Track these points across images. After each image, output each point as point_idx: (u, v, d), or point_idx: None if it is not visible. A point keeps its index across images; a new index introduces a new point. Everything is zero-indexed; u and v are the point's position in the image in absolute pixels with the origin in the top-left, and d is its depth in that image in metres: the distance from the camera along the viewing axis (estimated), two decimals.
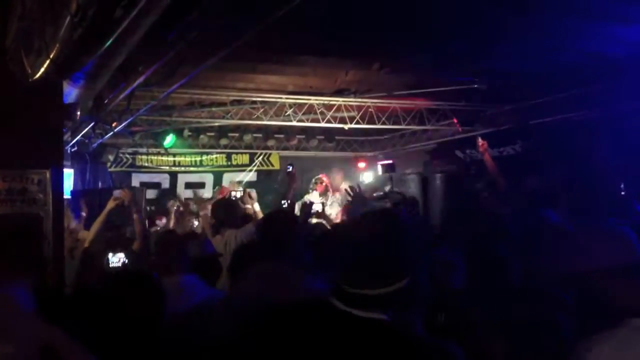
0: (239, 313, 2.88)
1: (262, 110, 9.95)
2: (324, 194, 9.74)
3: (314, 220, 7.74)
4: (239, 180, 12.79)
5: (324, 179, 9.99)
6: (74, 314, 2.86)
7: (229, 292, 3.69)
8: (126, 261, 6.15)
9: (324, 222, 7.24)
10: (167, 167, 12.79)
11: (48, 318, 2.59)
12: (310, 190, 9.90)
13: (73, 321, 2.70)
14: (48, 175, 5.15)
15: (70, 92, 5.66)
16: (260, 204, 7.49)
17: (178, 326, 3.18)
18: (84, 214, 7.78)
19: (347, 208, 7.81)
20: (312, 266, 3.63)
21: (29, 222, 4.75)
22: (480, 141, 8.08)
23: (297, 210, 9.04)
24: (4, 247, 2.95)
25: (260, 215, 6.97)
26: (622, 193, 7.57)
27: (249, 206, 7.32)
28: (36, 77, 3.91)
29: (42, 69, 3.63)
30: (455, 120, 10.53)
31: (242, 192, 7.69)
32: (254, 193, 7.55)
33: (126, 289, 2.85)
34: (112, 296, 2.81)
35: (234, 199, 7.55)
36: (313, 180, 10.09)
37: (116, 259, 6.17)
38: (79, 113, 6.10)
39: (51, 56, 3.27)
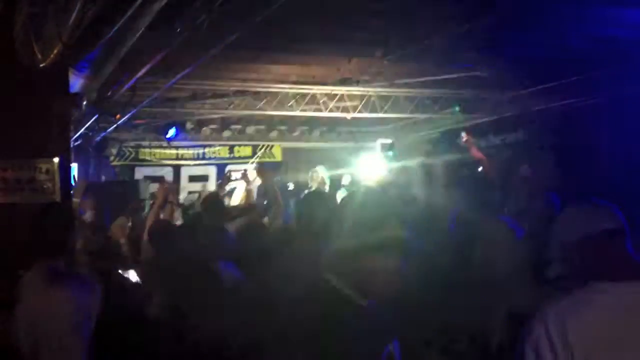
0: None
1: (264, 101, 9.93)
2: (322, 185, 9.64)
3: None
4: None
5: (319, 171, 9.90)
6: None
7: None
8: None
9: None
10: (170, 161, 12.78)
11: None
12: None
13: None
14: (56, 163, 5.16)
15: (76, 83, 5.66)
16: None
17: None
18: (87, 215, 7.43)
19: None
20: None
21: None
22: (464, 135, 7.93)
23: None
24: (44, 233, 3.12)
25: None
26: None
27: (250, 187, 7.48)
28: (45, 64, 3.92)
29: (53, 54, 3.65)
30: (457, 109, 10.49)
31: (244, 172, 7.80)
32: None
33: None
34: None
35: (234, 179, 7.69)
36: (310, 173, 10.03)
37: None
38: (84, 103, 6.10)
39: (63, 39, 3.28)
